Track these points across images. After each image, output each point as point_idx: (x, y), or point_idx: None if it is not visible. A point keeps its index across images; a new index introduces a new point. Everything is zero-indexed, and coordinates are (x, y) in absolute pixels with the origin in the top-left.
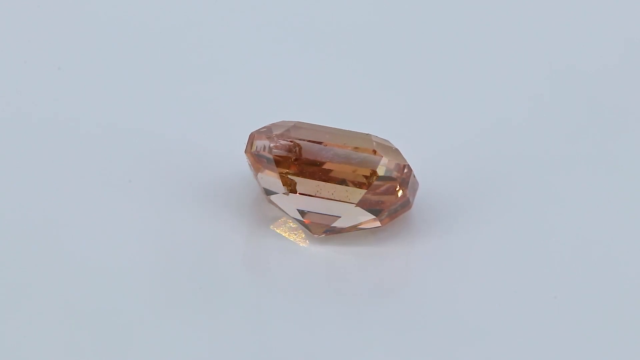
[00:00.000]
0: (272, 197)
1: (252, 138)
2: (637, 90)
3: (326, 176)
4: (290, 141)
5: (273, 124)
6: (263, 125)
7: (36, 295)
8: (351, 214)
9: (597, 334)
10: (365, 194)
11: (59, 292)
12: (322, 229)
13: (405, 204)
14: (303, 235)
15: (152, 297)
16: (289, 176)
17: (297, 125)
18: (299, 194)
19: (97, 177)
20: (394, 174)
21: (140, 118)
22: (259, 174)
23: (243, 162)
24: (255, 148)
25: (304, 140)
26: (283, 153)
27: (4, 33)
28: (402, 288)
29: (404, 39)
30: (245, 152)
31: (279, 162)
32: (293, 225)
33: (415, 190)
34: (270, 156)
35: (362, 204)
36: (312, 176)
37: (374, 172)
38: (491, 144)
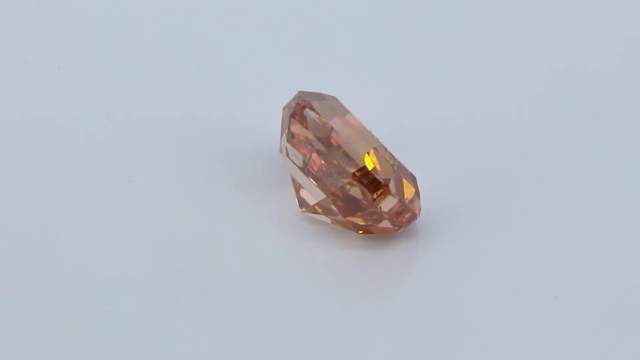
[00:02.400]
0: (282, 155)
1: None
2: (639, 90)
3: (321, 154)
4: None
5: (321, 94)
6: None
7: (37, 295)
8: (324, 203)
9: (597, 334)
10: (333, 194)
11: (60, 292)
12: (304, 205)
13: (385, 227)
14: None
15: (153, 296)
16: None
17: (337, 109)
18: (291, 160)
19: (97, 177)
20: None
21: (140, 118)
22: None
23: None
24: (287, 105)
25: (323, 120)
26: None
27: (4, 33)
28: (401, 287)
29: (405, 40)
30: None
31: (293, 122)
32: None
33: (407, 219)
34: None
35: (333, 200)
36: (310, 148)
37: (351, 181)
38: (490, 143)
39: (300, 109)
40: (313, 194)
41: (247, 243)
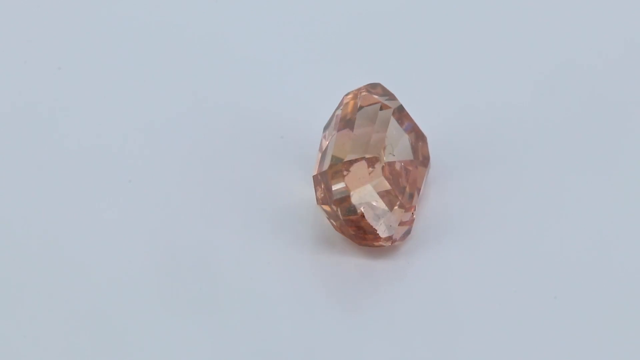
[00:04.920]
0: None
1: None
2: None
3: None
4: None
5: (389, 96)
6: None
7: (36, 295)
8: (314, 182)
9: (597, 334)
10: (322, 176)
11: (59, 292)
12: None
13: (347, 233)
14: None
15: (153, 296)
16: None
17: (377, 116)
18: (325, 135)
19: (97, 177)
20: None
21: (140, 117)
22: None
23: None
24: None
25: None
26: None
27: (4, 33)
28: (401, 286)
29: (403, 40)
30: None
31: (341, 105)
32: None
33: (371, 239)
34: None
35: (315, 180)
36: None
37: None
38: (488, 143)
39: (353, 96)
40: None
41: (247, 244)
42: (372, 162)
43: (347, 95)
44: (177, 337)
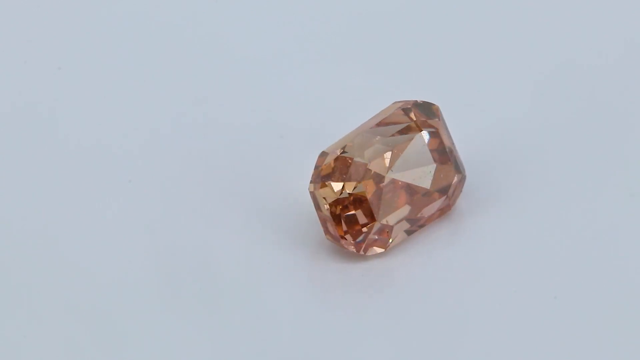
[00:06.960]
0: None
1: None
2: None
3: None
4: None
5: (427, 120)
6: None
7: (36, 295)
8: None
9: (597, 334)
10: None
11: (59, 292)
12: None
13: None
14: None
15: (153, 296)
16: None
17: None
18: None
19: (97, 177)
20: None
21: (140, 117)
22: None
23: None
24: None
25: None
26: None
27: (4, 33)
28: (400, 287)
29: (403, 43)
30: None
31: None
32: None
33: (332, 235)
34: None
35: (327, 165)
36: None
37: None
38: (488, 142)
39: (398, 106)
40: None
41: (247, 244)
42: (357, 167)
43: (394, 103)
44: (177, 337)
